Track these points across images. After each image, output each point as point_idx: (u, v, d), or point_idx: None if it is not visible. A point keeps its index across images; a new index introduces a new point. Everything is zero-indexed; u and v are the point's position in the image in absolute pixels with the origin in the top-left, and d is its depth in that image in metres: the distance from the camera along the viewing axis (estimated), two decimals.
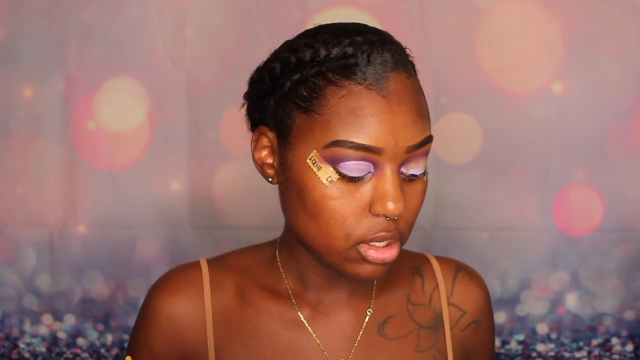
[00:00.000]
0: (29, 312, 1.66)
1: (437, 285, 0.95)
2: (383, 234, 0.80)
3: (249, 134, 0.89)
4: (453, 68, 1.55)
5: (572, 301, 1.59)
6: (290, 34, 0.91)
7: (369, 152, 0.78)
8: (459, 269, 0.97)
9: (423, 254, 0.99)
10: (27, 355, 1.66)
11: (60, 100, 1.63)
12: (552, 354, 1.59)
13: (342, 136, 0.78)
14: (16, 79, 1.63)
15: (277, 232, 0.96)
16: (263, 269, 0.94)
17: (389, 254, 0.81)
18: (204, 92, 1.61)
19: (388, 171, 0.79)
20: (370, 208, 0.79)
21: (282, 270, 0.92)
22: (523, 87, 1.56)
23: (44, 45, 1.62)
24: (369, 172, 0.79)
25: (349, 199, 0.79)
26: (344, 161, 0.78)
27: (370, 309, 0.92)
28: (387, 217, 0.79)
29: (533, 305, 1.58)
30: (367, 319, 0.91)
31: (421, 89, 0.83)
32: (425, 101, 0.83)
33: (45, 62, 1.62)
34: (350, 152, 0.78)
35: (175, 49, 1.61)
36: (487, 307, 0.97)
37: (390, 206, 0.78)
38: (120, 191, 1.63)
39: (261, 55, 0.88)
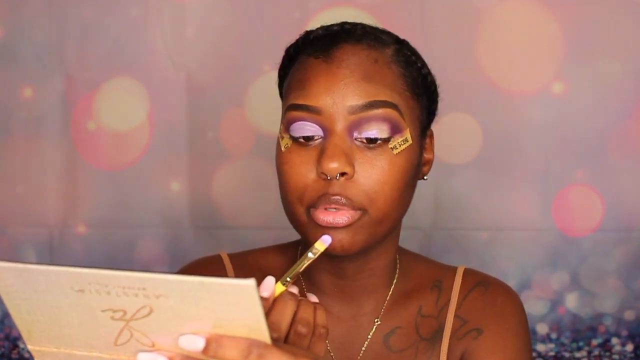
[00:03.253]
0: None
1: (450, 298, 0.92)
2: (328, 196, 0.79)
3: (249, 134, 0.90)
4: (453, 68, 1.55)
5: (572, 301, 1.59)
6: (290, 34, 0.91)
7: (308, 111, 0.81)
8: (479, 284, 0.94)
9: (456, 268, 0.96)
10: (27, 355, 1.66)
11: (60, 100, 1.63)
12: (552, 354, 1.59)
13: (290, 101, 0.83)
14: (16, 79, 1.63)
15: (277, 232, 0.96)
16: (284, 270, 0.93)
17: (335, 216, 0.80)
18: (204, 92, 1.61)
19: (333, 132, 0.80)
20: (316, 170, 0.81)
21: (300, 273, 0.92)
22: (523, 87, 1.56)
23: (44, 45, 1.62)
24: (319, 136, 0.81)
25: (299, 162, 0.82)
26: (292, 124, 0.82)
27: (378, 320, 0.91)
28: (328, 177, 0.80)
29: (533, 305, 1.58)
30: (373, 329, 0.91)
31: (390, 65, 0.83)
32: (393, 75, 0.83)
33: (45, 62, 1.62)
34: (294, 113, 0.82)
35: (175, 49, 1.61)
36: (499, 319, 0.91)
37: (325, 163, 0.79)
38: (120, 191, 1.63)
39: (261, 55, 0.88)
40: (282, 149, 0.84)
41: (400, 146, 0.81)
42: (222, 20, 1.60)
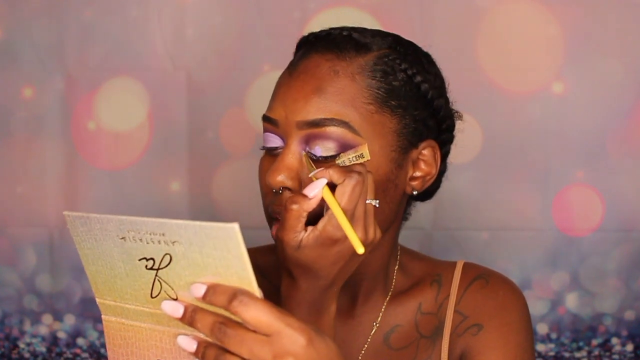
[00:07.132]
0: (29, 312, 1.66)
1: (449, 293, 0.91)
2: (273, 207, 0.81)
3: (249, 134, 0.90)
4: (453, 68, 1.54)
5: (572, 301, 1.59)
6: (290, 34, 0.91)
7: (270, 123, 0.82)
8: (479, 277, 0.92)
9: (455, 263, 0.94)
10: (27, 355, 1.66)
11: (60, 100, 1.63)
12: (552, 354, 1.59)
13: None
14: (16, 79, 1.63)
15: None
16: (279, 270, 0.93)
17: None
18: (204, 92, 1.61)
19: (287, 145, 0.81)
20: None
21: None
22: (523, 87, 1.56)
23: (44, 45, 1.62)
24: (282, 147, 0.82)
25: (266, 171, 0.82)
26: (263, 134, 0.84)
27: (376, 323, 0.91)
28: (273, 190, 0.80)
29: (533, 305, 1.58)
30: (374, 330, 0.90)
31: (354, 76, 0.80)
32: (354, 88, 0.80)
33: (45, 62, 1.62)
34: (263, 124, 0.84)
35: (175, 49, 1.61)
36: (500, 314, 0.90)
37: (268, 176, 0.80)
38: (120, 191, 1.63)
39: (261, 55, 0.88)
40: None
41: (349, 162, 0.79)
42: (222, 20, 1.60)
